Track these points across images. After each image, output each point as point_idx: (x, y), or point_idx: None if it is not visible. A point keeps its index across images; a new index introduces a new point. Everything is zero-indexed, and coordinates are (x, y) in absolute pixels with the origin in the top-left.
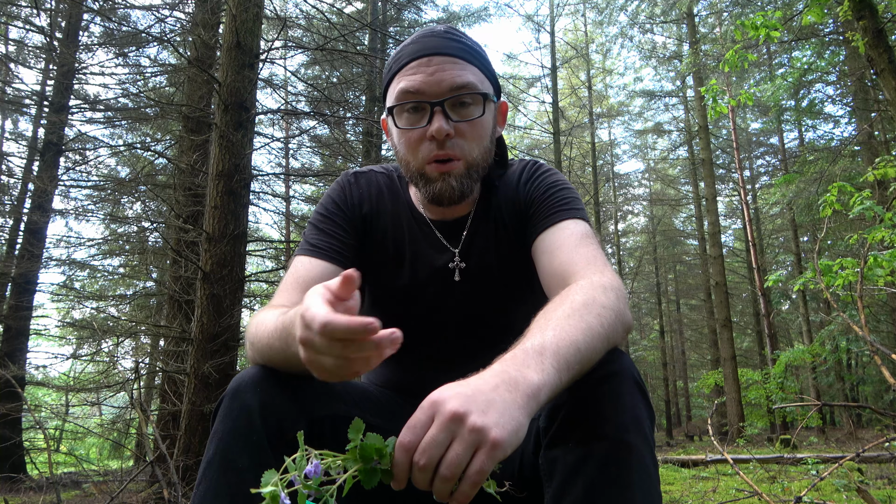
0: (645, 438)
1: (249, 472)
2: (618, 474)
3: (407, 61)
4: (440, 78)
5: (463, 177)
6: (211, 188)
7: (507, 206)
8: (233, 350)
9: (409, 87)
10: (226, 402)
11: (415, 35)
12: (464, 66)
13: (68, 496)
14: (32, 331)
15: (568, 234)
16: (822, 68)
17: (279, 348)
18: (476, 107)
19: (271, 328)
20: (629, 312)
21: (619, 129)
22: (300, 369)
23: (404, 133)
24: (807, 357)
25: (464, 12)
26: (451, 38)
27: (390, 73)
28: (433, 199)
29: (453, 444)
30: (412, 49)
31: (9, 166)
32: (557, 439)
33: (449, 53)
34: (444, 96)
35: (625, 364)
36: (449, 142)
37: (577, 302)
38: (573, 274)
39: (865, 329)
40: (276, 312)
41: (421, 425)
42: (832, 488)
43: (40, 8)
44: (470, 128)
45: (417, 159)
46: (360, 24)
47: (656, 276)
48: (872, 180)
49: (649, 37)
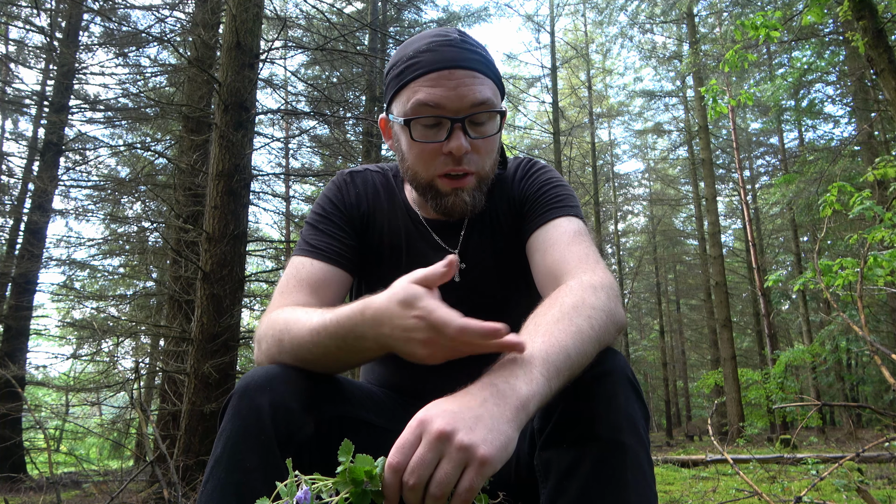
0: (639, 438)
1: (257, 472)
2: (612, 474)
3: (426, 71)
4: (462, 94)
5: (475, 190)
6: (211, 188)
7: (503, 205)
8: (233, 350)
9: (428, 100)
10: (234, 401)
11: (429, 40)
12: (483, 81)
13: (68, 496)
14: (32, 331)
15: (561, 231)
16: (822, 68)
17: (330, 346)
18: (492, 123)
19: (316, 326)
20: (622, 310)
21: (619, 129)
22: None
23: (418, 145)
24: (807, 357)
25: (464, 12)
26: (469, 49)
27: (402, 78)
28: (443, 212)
29: (442, 463)
30: (430, 58)
31: (9, 166)
32: (552, 440)
33: (469, 67)
34: (464, 113)
35: (618, 363)
36: (465, 157)
37: (567, 305)
38: (565, 273)
39: (865, 329)
40: (311, 311)
41: (409, 445)
42: (832, 488)
43: (40, 8)
44: (485, 143)
45: (429, 172)
46: (360, 24)
47: (656, 276)
48: (872, 180)
49: (649, 37)
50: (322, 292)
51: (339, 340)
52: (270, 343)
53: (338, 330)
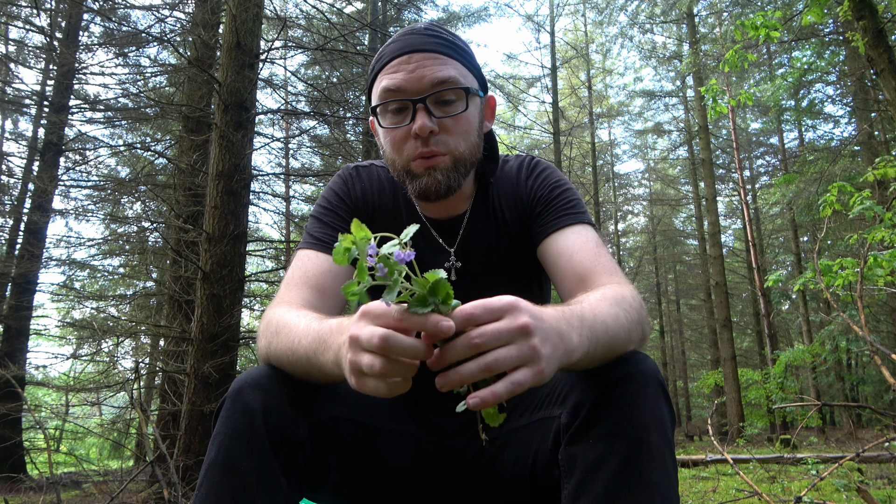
0: (666, 439)
1: (251, 474)
2: (638, 473)
3: (388, 60)
4: (421, 74)
5: (449, 170)
6: (211, 188)
7: (508, 203)
8: (233, 350)
9: (390, 85)
10: (228, 403)
11: (396, 34)
12: (444, 62)
13: (68, 496)
14: (32, 331)
15: (584, 239)
16: (822, 68)
17: (304, 356)
18: (459, 102)
19: (299, 333)
20: (648, 325)
21: (619, 129)
22: (315, 381)
23: (389, 132)
24: (807, 357)
25: (464, 12)
26: (431, 34)
27: (373, 72)
28: (420, 194)
29: (510, 348)
30: (393, 48)
31: (9, 166)
32: (579, 436)
33: (429, 49)
34: (425, 93)
35: (648, 365)
36: (433, 139)
37: (608, 294)
38: (596, 277)
39: (865, 329)
40: (303, 316)
41: (493, 311)
42: (832, 488)
43: (40, 8)
44: (454, 123)
45: (403, 157)
46: (360, 24)
47: (656, 276)
48: (872, 180)
49: (649, 37)
50: (328, 285)
51: (305, 362)
52: (263, 343)
53: (305, 351)
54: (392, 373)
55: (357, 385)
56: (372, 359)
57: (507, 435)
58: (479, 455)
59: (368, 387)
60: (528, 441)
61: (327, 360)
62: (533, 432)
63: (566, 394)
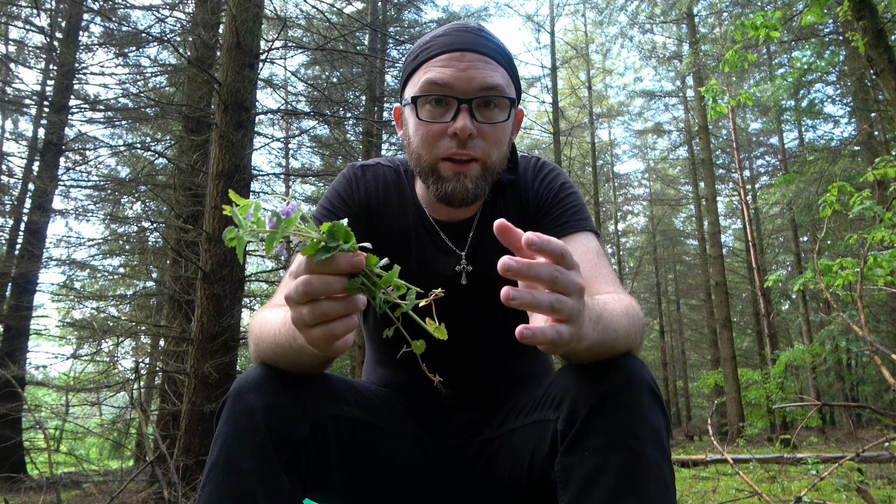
0: (663, 450)
1: (253, 474)
2: (635, 486)
3: (438, 52)
4: (472, 76)
5: (478, 178)
6: (211, 188)
7: (515, 206)
8: (233, 350)
9: (437, 78)
10: (229, 403)
11: (446, 27)
12: (495, 68)
13: (68, 496)
14: (32, 331)
15: (584, 249)
16: (821, 68)
17: (286, 344)
18: (502, 111)
19: (278, 325)
20: (644, 336)
21: (619, 129)
22: (305, 367)
23: (424, 125)
24: (807, 357)
25: (464, 12)
26: (485, 36)
27: (416, 61)
28: (443, 198)
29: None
30: (444, 41)
31: (9, 166)
32: (575, 446)
33: (482, 52)
34: (473, 95)
35: (644, 374)
36: (470, 141)
37: (613, 297)
38: (596, 287)
39: (865, 329)
40: (280, 311)
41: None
42: (832, 488)
43: (40, 8)
44: (492, 130)
45: (432, 154)
46: (360, 24)
47: (656, 276)
48: (872, 180)
49: (649, 37)
50: None
51: (291, 338)
52: (252, 346)
53: (286, 339)
54: (326, 312)
55: (308, 340)
56: (307, 308)
57: (505, 436)
58: (479, 455)
59: (315, 336)
60: (525, 442)
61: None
62: (530, 434)
63: (561, 397)
